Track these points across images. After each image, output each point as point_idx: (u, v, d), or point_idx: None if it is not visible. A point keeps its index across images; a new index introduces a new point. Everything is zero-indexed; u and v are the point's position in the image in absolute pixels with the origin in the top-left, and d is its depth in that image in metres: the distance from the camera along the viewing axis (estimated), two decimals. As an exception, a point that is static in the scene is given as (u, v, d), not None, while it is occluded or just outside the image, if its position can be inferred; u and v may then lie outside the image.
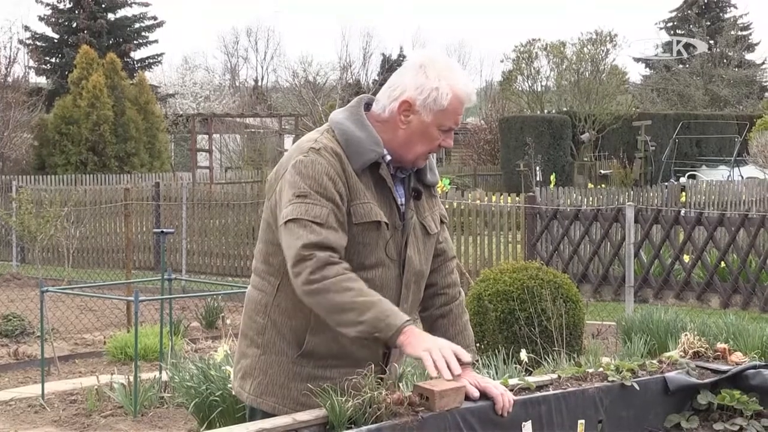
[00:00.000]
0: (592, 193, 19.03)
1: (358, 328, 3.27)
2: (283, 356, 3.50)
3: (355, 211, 3.40)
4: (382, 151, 3.45)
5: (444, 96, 3.43)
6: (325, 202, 3.34)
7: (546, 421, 3.75)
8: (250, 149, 35.17)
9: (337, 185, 3.37)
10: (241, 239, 18.33)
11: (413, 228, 3.55)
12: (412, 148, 3.48)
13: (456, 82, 3.45)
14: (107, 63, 32.11)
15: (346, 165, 3.41)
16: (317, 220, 3.31)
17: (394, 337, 3.27)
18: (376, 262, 3.45)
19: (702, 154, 38.20)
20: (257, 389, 3.54)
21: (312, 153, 3.41)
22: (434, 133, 3.47)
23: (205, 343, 10.70)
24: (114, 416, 8.10)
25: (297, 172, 3.39)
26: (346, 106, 3.63)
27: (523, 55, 38.95)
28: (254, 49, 78.10)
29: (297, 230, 3.32)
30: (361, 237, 3.41)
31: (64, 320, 12.25)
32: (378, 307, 3.27)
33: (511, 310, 8.36)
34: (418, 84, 3.45)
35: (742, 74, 53.97)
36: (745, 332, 8.70)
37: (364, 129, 3.47)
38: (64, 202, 16.94)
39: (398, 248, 3.50)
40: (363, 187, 3.42)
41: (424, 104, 3.44)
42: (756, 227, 13.68)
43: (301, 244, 3.29)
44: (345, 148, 3.43)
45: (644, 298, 14.21)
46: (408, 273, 3.53)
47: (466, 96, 3.48)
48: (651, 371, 4.23)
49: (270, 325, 3.51)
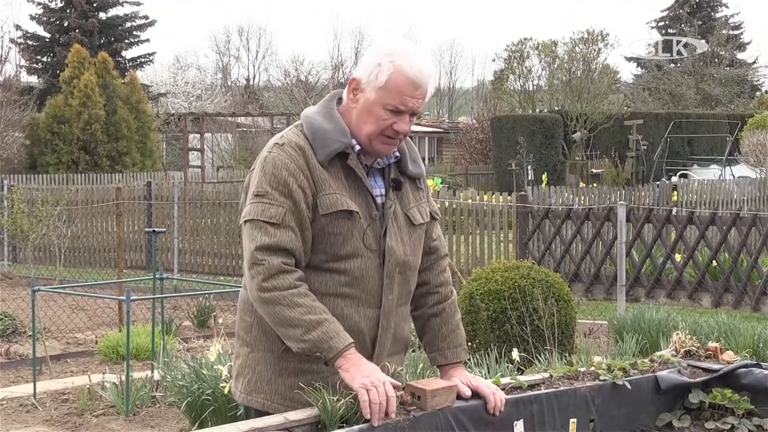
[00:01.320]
0: (584, 193, 19.03)
1: (300, 345, 3.28)
2: (269, 352, 3.49)
3: (322, 202, 3.39)
4: (349, 141, 3.44)
5: (384, 72, 3.40)
6: (283, 200, 3.34)
7: (538, 420, 3.76)
8: (241, 148, 35.17)
9: (298, 179, 3.37)
10: (233, 238, 18.31)
11: (395, 218, 3.52)
12: (362, 128, 3.46)
13: (403, 60, 3.40)
14: (99, 62, 32.09)
15: (310, 158, 3.40)
16: (273, 221, 3.33)
17: (334, 360, 3.27)
18: (352, 252, 3.43)
19: (693, 153, 38.26)
20: (247, 387, 3.55)
21: (276, 148, 3.42)
22: (379, 111, 3.43)
23: (197, 342, 10.69)
24: (106, 415, 8.09)
25: (260, 169, 3.41)
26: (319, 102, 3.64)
27: (515, 55, 38.98)
28: (246, 48, 78.12)
29: (252, 232, 3.34)
30: (331, 227, 3.40)
31: (56, 319, 12.24)
32: (323, 327, 3.27)
33: (502, 309, 8.37)
34: (366, 63, 3.45)
35: (733, 73, 54.05)
36: (736, 331, 8.71)
37: (332, 121, 3.47)
38: (56, 202, 16.92)
39: (377, 238, 3.48)
40: (330, 177, 3.41)
41: (367, 81, 3.43)
42: (747, 226, 13.70)
43: (254, 247, 3.31)
44: (311, 141, 3.42)
45: (636, 297, 14.23)
46: (390, 263, 3.49)
47: (413, 75, 3.40)
48: (642, 370, 4.24)
49: (255, 323, 3.51)
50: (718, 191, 21.08)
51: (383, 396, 3.23)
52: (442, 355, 3.68)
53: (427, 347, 3.73)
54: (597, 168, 33.56)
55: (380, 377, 3.26)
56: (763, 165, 28.09)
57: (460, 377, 3.60)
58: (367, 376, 3.24)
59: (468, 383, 3.57)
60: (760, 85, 59.34)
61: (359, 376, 3.24)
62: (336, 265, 3.41)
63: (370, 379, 3.23)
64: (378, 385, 3.23)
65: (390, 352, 3.54)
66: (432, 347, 3.71)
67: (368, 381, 3.23)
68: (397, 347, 3.62)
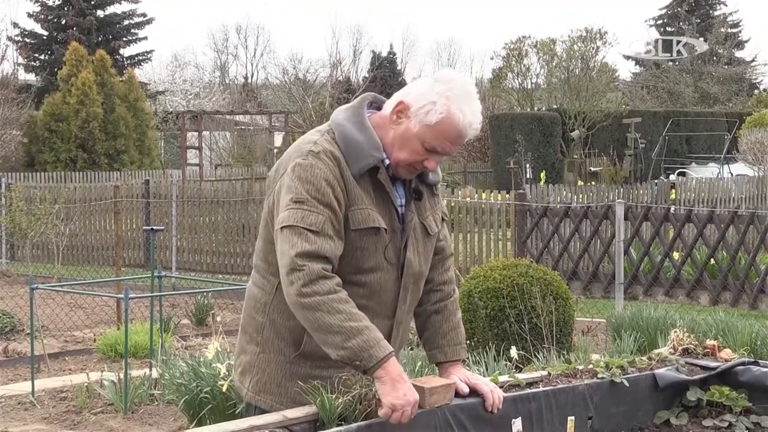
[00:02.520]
0: (582, 191, 19.04)
1: (340, 352, 3.26)
2: (281, 356, 3.49)
3: (353, 216, 3.37)
4: (381, 156, 3.42)
5: (436, 113, 3.37)
6: (322, 209, 3.31)
7: (536, 417, 3.76)
8: (240, 146, 35.13)
9: (335, 191, 3.34)
10: (231, 236, 18.31)
11: (414, 230, 3.52)
12: (393, 151, 3.43)
13: (457, 107, 3.37)
14: (97, 60, 32.08)
15: (345, 170, 3.37)
16: (313, 228, 3.29)
17: (373, 369, 3.26)
18: (374, 266, 3.43)
19: (692, 151, 38.24)
20: (255, 387, 3.54)
21: (311, 156, 3.37)
22: (416, 145, 3.41)
23: (195, 340, 10.69)
24: (104, 413, 8.09)
25: (296, 175, 3.35)
26: (349, 104, 3.59)
27: (513, 53, 38.96)
28: (244, 46, 77.95)
29: (292, 238, 3.29)
30: (359, 242, 3.39)
31: (54, 317, 12.24)
32: (364, 336, 3.25)
33: (501, 307, 8.37)
34: (421, 92, 3.41)
35: (731, 71, 54.02)
36: (734, 329, 8.72)
37: (364, 132, 3.43)
38: (54, 200, 16.92)
39: (397, 251, 3.48)
40: (361, 191, 3.39)
41: (416, 113, 3.39)
42: (745, 224, 13.71)
43: (294, 253, 3.27)
44: (344, 152, 3.39)
45: (634, 295, 14.24)
46: (407, 275, 3.51)
47: (462, 127, 3.38)
48: (640, 368, 4.24)
49: (269, 325, 3.51)
50: (716, 189, 21.09)
51: (405, 419, 3.27)
52: (442, 352, 3.67)
53: (427, 344, 3.72)
54: (595, 166, 33.54)
55: (410, 399, 3.28)
56: (761, 163, 28.08)
57: (459, 375, 3.60)
58: (399, 398, 3.26)
59: (466, 380, 3.58)
60: (759, 83, 59.36)
61: (392, 393, 3.26)
62: (357, 277, 3.41)
63: (400, 402, 3.25)
64: (405, 409, 3.26)
65: None
66: (432, 344, 3.70)
67: (399, 402, 3.25)
68: (397, 349, 3.62)
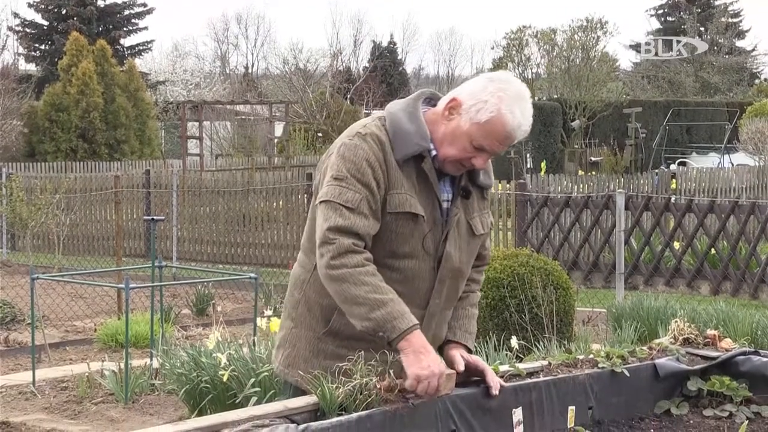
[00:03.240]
0: (583, 181, 19.02)
1: (364, 323, 3.32)
2: (310, 331, 3.56)
3: (391, 200, 3.43)
4: (428, 146, 3.47)
5: (487, 112, 3.41)
6: (360, 188, 3.39)
7: (536, 407, 3.77)
8: (240, 136, 35.12)
9: (375, 172, 3.41)
10: (232, 226, 18.30)
11: (457, 225, 3.56)
12: (443, 147, 3.49)
13: (508, 107, 3.41)
14: (97, 50, 32.04)
15: (389, 154, 3.44)
16: (348, 205, 3.37)
17: (397, 341, 3.31)
18: (409, 252, 3.48)
19: (692, 141, 38.22)
20: (285, 360, 3.62)
21: (357, 138, 3.46)
22: (465, 142, 3.46)
23: (195, 330, 10.68)
24: (105, 403, 8.10)
25: (340, 155, 3.44)
26: (407, 96, 3.66)
27: (514, 43, 38.89)
28: (244, 36, 78.08)
29: (327, 212, 3.38)
30: (394, 226, 3.45)
31: (55, 307, 12.24)
32: (388, 307, 3.31)
33: (501, 297, 8.37)
34: (474, 90, 3.46)
35: (732, 61, 53.96)
36: (734, 319, 8.72)
37: (415, 122, 3.49)
38: (54, 190, 16.91)
39: (436, 243, 3.52)
40: (403, 177, 3.45)
41: (467, 110, 3.44)
42: (746, 214, 13.70)
43: (327, 227, 3.36)
44: (391, 138, 3.46)
45: (634, 285, 14.24)
46: (444, 268, 3.54)
47: (512, 127, 3.43)
48: (641, 358, 4.25)
49: (303, 301, 3.58)
50: (716, 179, 21.08)
51: (432, 390, 3.32)
52: (452, 331, 3.70)
53: None
54: (596, 156, 33.50)
55: (435, 370, 3.32)
56: (761, 153, 28.06)
57: (460, 352, 3.64)
58: (423, 368, 3.30)
59: (466, 358, 3.62)
60: (759, 72, 59.32)
61: (416, 364, 3.30)
62: (392, 262, 3.46)
63: (425, 372, 3.29)
64: (431, 379, 3.31)
65: None
66: None
67: (423, 373, 3.29)
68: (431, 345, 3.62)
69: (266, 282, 12.78)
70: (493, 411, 3.62)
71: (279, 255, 17.62)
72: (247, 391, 6.68)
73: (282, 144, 29.41)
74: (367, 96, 28.58)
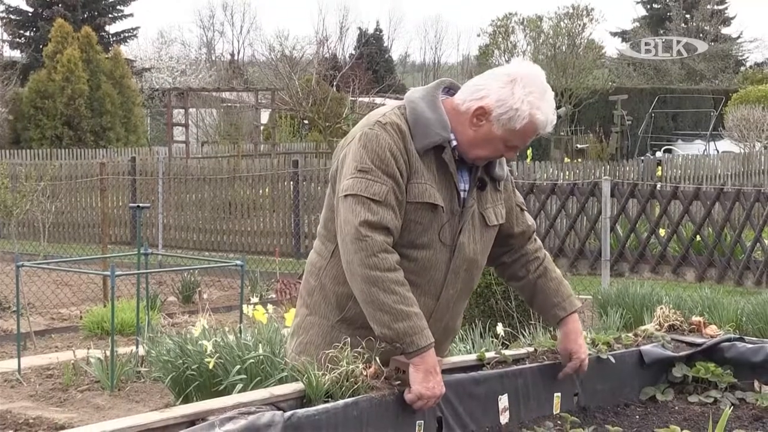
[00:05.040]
0: (569, 168, 19.04)
1: (384, 330, 3.34)
2: (324, 319, 3.58)
3: (411, 189, 3.43)
4: (448, 136, 3.48)
5: (520, 119, 3.44)
6: (385, 179, 3.38)
7: (522, 393, 3.77)
8: (226, 123, 34.96)
9: (398, 162, 3.41)
10: (218, 213, 18.28)
11: (471, 217, 3.57)
12: (474, 150, 3.51)
13: (538, 110, 3.45)
14: (82, 37, 31.87)
15: (409, 143, 3.44)
16: (376, 198, 3.36)
17: (411, 355, 3.34)
18: (427, 243, 3.49)
19: (678, 128, 38.28)
20: (297, 347, 3.63)
21: (378, 127, 3.44)
22: (499, 145, 3.50)
23: (182, 317, 10.69)
24: (91, 391, 8.09)
25: (362, 145, 3.42)
26: (426, 85, 3.65)
27: (500, 30, 38.86)
28: (230, 23, 77.90)
29: (355, 207, 3.36)
30: (413, 215, 3.45)
31: (40, 295, 12.21)
32: (411, 322, 3.34)
33: (487, 284, 8.38)
34: (501, 96, 3.46)
35: (718, 48, 54.02)
36: (719, 305, 8.76)
37: (435, 111, 3.49)
38: (39, 177, 16.85)
39: (453, 233, 3.53)
40: (423, 167, 3.45)
41: (498, 118, 3.45)
42: (731, 201, 13.74)
43: (358, 222, 3.34)
44: (411, 127, 3.46)
45: (620, 271, 14.27)
46: (458, 259, 3.55)
47: (543, 125, 3.48)
48: (626, 344, 4.26)
49: (319, 288, 3.59)
50: (702, 166, 21.13)
51: (426, 408, 3.39)
52: (561, 308, 3.79)
53: (544, 309, 3.85)
54: (582, 143, 33.54)
55: (437, 393, 3.38)
56: (747, 140, 28.13)
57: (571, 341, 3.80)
58: (428, 389, 3.35)
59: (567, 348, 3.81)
60: (745, 60, 59.38)
61: (424, 383, 3.34)
62: (409, 251, 3.46)
63: (428, 393, 3.35)
64: (430, 401, 3.37)
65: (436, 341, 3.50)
66: (547, 306, 3.82)
67: (426, 393, 3.34)
68: (443, 336, 3.67)
69: (252, 269, 12.76)
70: (480, 397, 3.63)
71: (265, 242, 17.61)
72: (233, 378, 6.67)
73: (268, 131, 29.34)
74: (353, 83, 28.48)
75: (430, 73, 71.29)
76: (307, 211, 17.29)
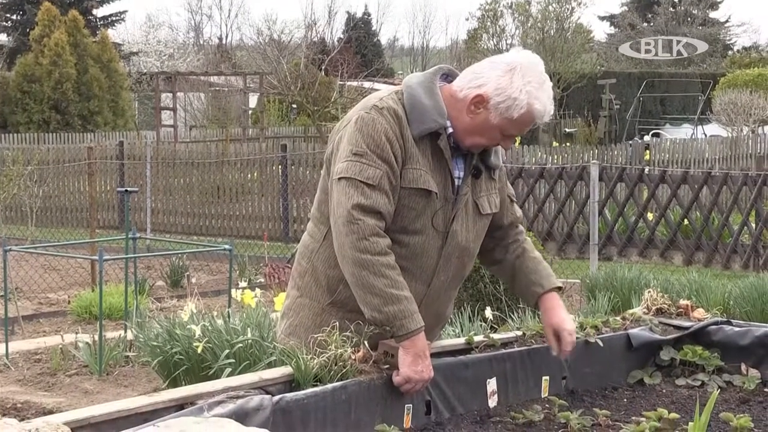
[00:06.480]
0: (557, 152, 19.06)
1: (374, 314, 3.35)
2: (315, 302, 3.59)
3: (405, 175, 3.43)
4: (444, 123, 3.48)
5: (518, 108, 3.44)
6: (380, 164, 3.38)
7: (510, 377, 3.78)
8: (214, 108, 34.92)
9: (394, 147, 3.41)
10: (206, 198, 18.25)
11: (465, 204, 3.58)
12: (470, 137, 3.51)
13: (536, 99, 3.44)
14: (69, 20, 31.76)
15: (405, 128, 3.44)
16: (369, 182, 3.36)
17: (401, 339, 3.36)
18: (420, 229, 3.49)
19: (666, 112, 38.34)
20: (287, 329, 3.65)
21: (374, 111, 3.44)
22: (496, 134, 3.51)
23: (170, 302, 10.66)
24: (79, 375, 8.08)
25: (357, 128, 3.42)
26: (424, 71, 3.65)
27: (488, 14, 38.82)
28: (218, 7, 77.55)
29: (348, 189, 3.36)
30: (407, 201, 3.45)
31: (28, 279, 12.19)
32: (402, 305, 3.34)
33: (476, 267, 8.35)
34: (500, 85, 3.45)
35: (705, 32, 54.03)
36: (707, 289, 8.76)
37: (433, 97, 3.49)
38: (27, 161, 16.80)
39: (446, 220, 3.53)
40: (418, 153, 3.45)
41: (496, 106, 3.45)
42: (719, 185, 13.78)
43: (351, 205, 3.34)
44: (408, 112, 3.45)
45: (608, 255, 14.29)
46: (450, 246, 3.56)
47: (540, 115, 3.48)
48: (614, 328, 4.27)
49: (310, 270, 3.60)
50: (690, 150, 21.19)
51: (414, 392, 3.40)
52: (539, 284, 3.76)
53: (523, 290, 3.83)
54: (570, 127, 33.57)
55: (425, 377, 3.39)
56: (734, 124, 28.17)
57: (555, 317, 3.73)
58: (416, 372, 3.36)
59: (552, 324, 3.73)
60: (732, 44, 59.42)
61: (412, 366, 3.35)
62: (401, 237, 3.46)
63: (416, 377, 3.36)
64: (417, 385, 3.38)
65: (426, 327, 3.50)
66: (527, 284, 3.79)
67: (415, 377, 3.35)
68: (434, 323, 3.67)
69: (241, 254, 12.75)
70: (468, 381, 3.64)
71: (254, 226, 17.59)
72: (222, 363, 6.66)
73: (256, 115, 29.29)
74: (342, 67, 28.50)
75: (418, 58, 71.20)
76: (295, 195, 17.28)
